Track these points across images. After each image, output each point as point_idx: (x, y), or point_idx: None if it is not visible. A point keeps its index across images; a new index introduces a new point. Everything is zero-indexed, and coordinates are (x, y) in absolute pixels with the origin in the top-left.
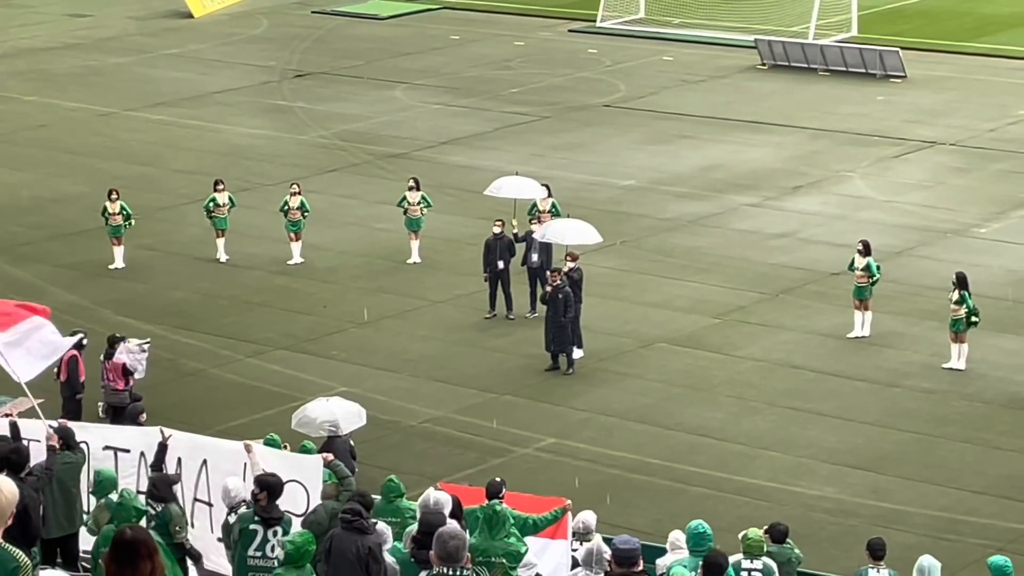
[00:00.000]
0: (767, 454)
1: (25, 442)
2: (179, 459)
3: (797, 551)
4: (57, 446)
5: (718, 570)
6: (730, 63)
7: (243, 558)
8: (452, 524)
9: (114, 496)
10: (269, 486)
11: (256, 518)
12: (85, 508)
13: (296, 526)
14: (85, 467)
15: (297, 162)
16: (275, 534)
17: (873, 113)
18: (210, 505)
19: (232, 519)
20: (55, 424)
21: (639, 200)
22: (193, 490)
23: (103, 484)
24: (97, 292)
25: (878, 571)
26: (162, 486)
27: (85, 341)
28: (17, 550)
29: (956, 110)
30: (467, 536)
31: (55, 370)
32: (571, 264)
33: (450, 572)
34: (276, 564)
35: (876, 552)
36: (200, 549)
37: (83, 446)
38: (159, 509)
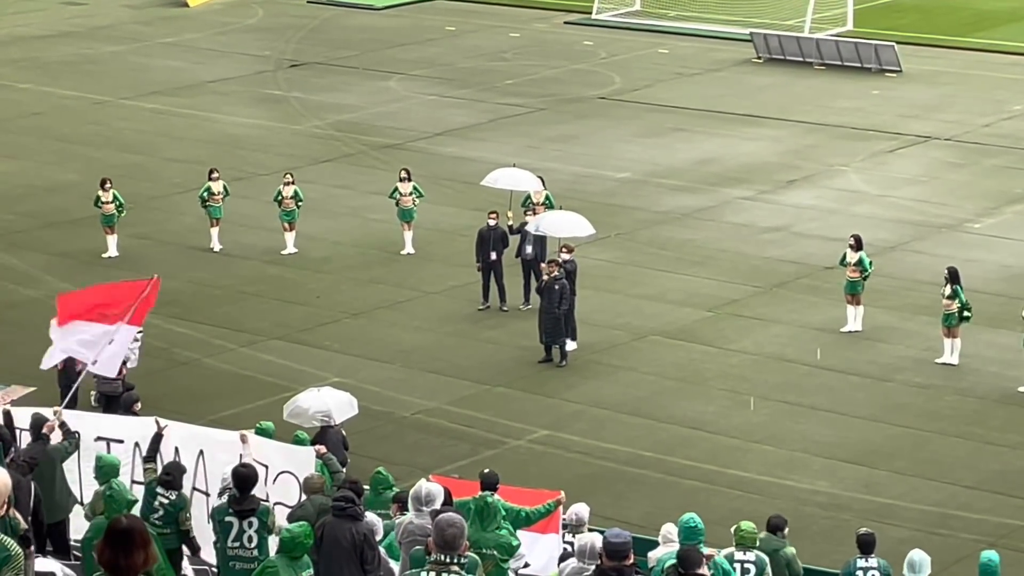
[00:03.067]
0: (759, 447)
1: (18, 431)
2: (175, 448)
3: (790, 550)
4: (50, 435)
5: (689, 562)
6: (725, 56)
7: (223, 549)
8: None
9: (114, 484)
10: (239, 478)
11: (230, 510)
12: (78, 496)
13: (281, 516)
14: (76, 455)
15: (291, 152)
16: (250, 525)
17: (868, 107)
18: (207, 495)
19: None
20: (50, 412)
21: (633, 193)
22: (191, 479)
23: (104, 470)
24: (90, 280)
25: (867, 561)
26: (177, 474)
27: None
28: (9, 539)
29: (951, 105)
30: (465, 525)
31: None
32: (566, 256)
33: (447, 560)
34: (256, 552)
35: (866, 547)
36: (197, 539)
37: (75, 435)
38: (173, 497)
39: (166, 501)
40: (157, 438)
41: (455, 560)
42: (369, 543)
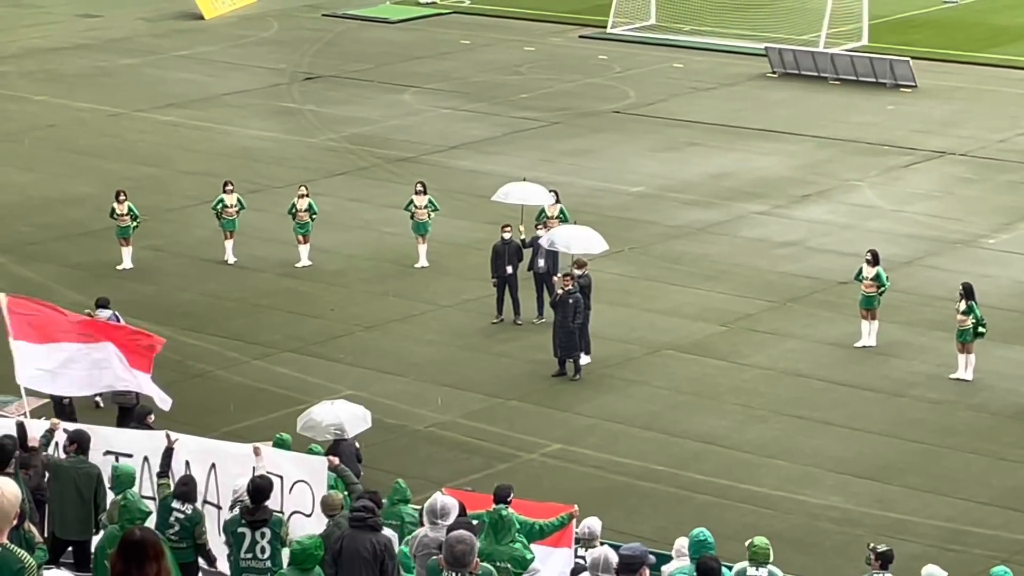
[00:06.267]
0: (773, 462)
1: (34, 442)
2: (187, 462)
3: None
4: (70, 447)
5: (711, 574)
6: (740, 71)
7: (237, 560)
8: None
9: (129, 495)
10: (254, 488)
11: (243, 521)
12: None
13: (294, 527)
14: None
15: (306, 165)
16: (263, 535)
17: (883, 122)
18: (219, 508)
19: (228, 518)
20: (70, 428)
21: (647, 207)
22: (203, 493)
23: (121, 479)
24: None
25: None
26: (192, 485)
27: None
28: (22, 551)
29: (966, 120)
30: (476, 541)
31: None
32: (579, 271)
33: None
34: (268, 564)
35: (886, 563)
36: (212, 551)
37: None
38: (189, 512)
39: (182, 516)
40: (168, 452)
41: None
42: (389, 553)
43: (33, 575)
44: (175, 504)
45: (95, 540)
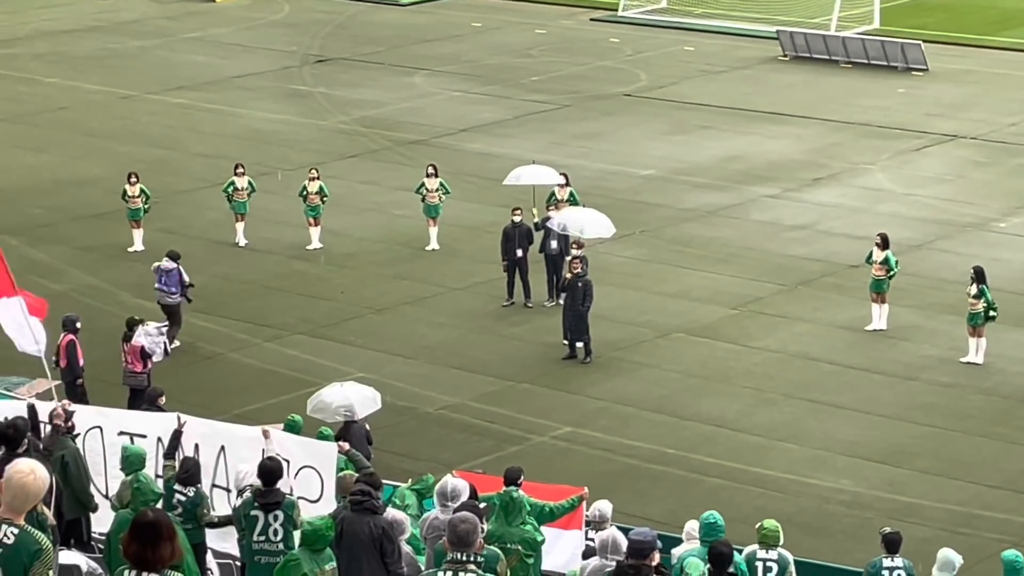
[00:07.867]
0: (783, 446)
1: (43, 423)
2: (196, 445)
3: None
4: (63, 425)
5: (722, 559)
6: (752, 54)
7: (249, 543)
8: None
9: (141, 477)
10: (265, 471)
11: (255, 504)
12: (103, 489)
13: (305, 510)
14: (101, 449)
15: (317, 147)
16: (276, 518)
17: (894, 106)
18: (228, 491)
19: (238, 503)
20: (70, 407)
21: (658, 190)
22: (212, 476)
23: (131, 460)
24: (116, 275)
25: (892, 560)
26: (194, 470)
27: (79, 324)
28: (40, 533)
29: (977, 104)
30: (479, 521)
31: (54, 357)
32: (576, 251)
33: (463, 558)
34: (281, 547)
35: (891, 547)
36: (218, 536)
37: (96, 431)
38: (191, 494)
39: (184, 499)
40: (176, 435)
41: (471, 558)
42: (388, 536)
43: (50, 556)
44: (177, 487)
45: (96, 520)
